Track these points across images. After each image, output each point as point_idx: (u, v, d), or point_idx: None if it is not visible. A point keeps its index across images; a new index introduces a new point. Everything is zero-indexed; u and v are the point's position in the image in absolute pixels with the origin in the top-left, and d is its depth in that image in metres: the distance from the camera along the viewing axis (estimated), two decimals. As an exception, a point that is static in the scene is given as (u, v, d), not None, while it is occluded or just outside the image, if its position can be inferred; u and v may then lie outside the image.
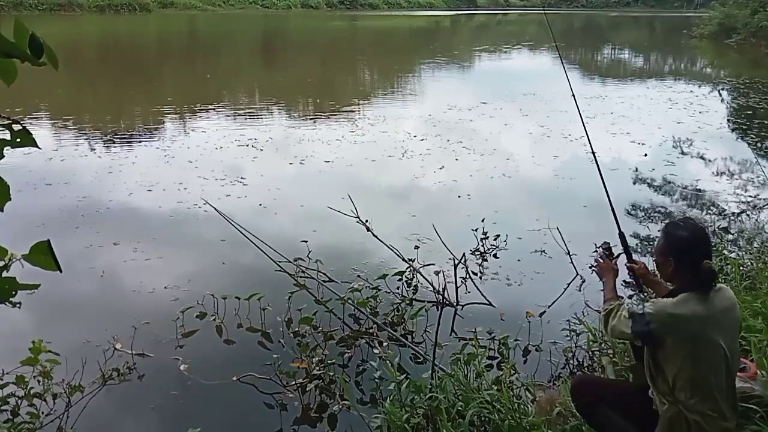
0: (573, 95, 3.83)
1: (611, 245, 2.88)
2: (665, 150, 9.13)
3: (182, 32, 31.76)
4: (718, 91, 15.17)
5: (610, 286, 2.71)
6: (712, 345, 2.32)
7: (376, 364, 3.54)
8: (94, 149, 8.60)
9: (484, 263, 5.16)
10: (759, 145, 9.67)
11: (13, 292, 1.11)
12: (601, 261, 2.81)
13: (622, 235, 2.98)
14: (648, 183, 7.61)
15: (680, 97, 13.96)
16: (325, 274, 4.65)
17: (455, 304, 4.39)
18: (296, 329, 4.02)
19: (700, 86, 16.16)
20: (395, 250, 4.90)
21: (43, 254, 1.05)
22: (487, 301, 4.44)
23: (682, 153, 9.11)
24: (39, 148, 1.12)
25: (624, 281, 3.06)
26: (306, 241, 4.97)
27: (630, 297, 3.02)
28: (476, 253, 5.26)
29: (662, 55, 27.19)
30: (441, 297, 4.39)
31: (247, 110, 12.26)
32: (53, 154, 8.03)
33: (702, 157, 8.85)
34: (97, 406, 3.24)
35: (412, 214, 6.25)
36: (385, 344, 3.81)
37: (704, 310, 2.34)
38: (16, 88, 1.08)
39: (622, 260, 2.86)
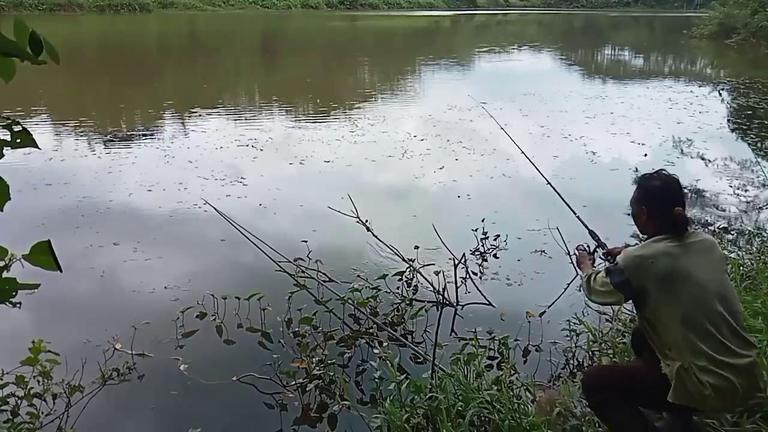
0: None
1: (586, 245, 3.13)
2: (665, 150, 9.13)
3: (182, 32, 31.76)
4: (718, 91, 15.16)
5: (587, 266, 2.92)
6: (692, 282, 2.34)
7: (376, 364, 3.54)
8: (94, 149, 8.59)
9: (484, 263, 5.16)
10: (759, 145, 9.67)
11: (14, 293, 1.11)
12: (577, 254, 3.05)
13: (592, 233, 3.27)
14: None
15: (680, 97, 13.96)
16: (325, 274, 4.65)
17: (455, 304, 4.39)
18: (296, 329, 4.02)
19: (700, 86, 16.16)
20: (395, 250, 4.90)
21: (44, 254, 1.05)
22: (487, 301, 4.44)
23: (682, 153, 9.10)
24: (39, 148, 1.13)
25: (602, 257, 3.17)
26: (306, 241, 4.97)
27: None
28: (476, 253, 5.26)
29: (662, 55, 27.19)
30: (441, 297, 4.39)
31: (247, 110, 12.26)
32: (53, 154, 8.03)
33: (702, 157, 8.85)
34: (97, 406, 3.23)
35: (413, 214, 6.25)
36: (385, 344, 3.81)
37: (675, 249, 2.41)
38: (16, 88, 1.09)
39: (599, 254, 3.11)
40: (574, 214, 3.53)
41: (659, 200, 2.52)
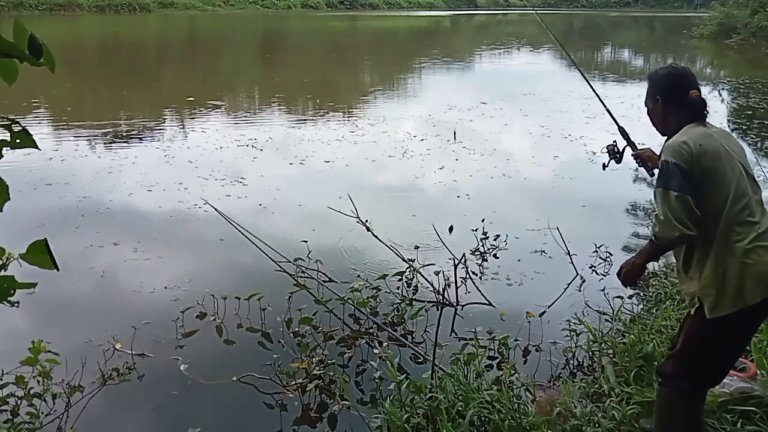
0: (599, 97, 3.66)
1: (614, 143, 3.03)
2: (665, 150, 9.11)
3: (182, 32, 31.76)
4: (718, 91, 15.16)
5: (640, 253, 2.51)
6: (732, 165, 2.28)
7: (376, 364, 3.54)
8: (94, 149, 8.59)
9: (484, 263, 5.16)
10: (759, 145, 9.67)
11: (11, 291, 1.11)
12: (623, 268, 2.55)
13: (622, 130, 3.06)
14: (648, 182, 7.60)
15: (680, 97, 13.95)
16: (325, 274, 4.64)
17: (455, 304, 4.39)
18: (296, 329, 4.02)
19: (700, 86, 16.14)
20: (395, 250, 4.89)
21: (41, 253, 1.05)
22: (487, 301, 4.44)
23: (683, 153, 9.08)
24: (39, 149, 1.12)
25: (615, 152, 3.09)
26: (306, 241, 4.97)
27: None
28: (476, 253, 5.26)
29: (662, 55, 27.17)
30: (441, 297, 4.39)
31: (247, 110, 12.27)
32: (53, 154, 8.02)
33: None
34: (97, 406, 3.23)
35: (412, 214, 6.25)
36: (385, 344, 3.80)
37: (710, 131, 2.37)
38: (16, 88, 1.08)
39: (629, 152, 3.03)
40: (605, 106, 3.43)
41: (672, 87, 2.45)
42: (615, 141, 3.04)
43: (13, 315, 3.70)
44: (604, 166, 3.09)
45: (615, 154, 3.05)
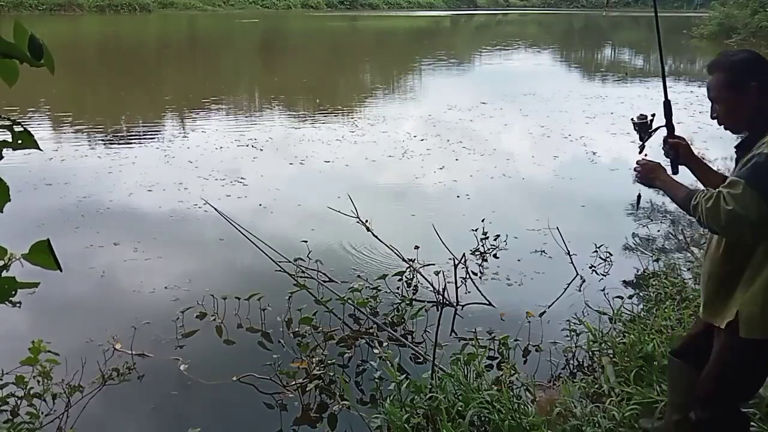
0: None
1: (648, 117, 2.46)
2: (665, 150, 9.10)
3: (182, 32, 31.76)
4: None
5: (672, 181, 2.25)
6: None
7: (376, 364, 3.54)
8: (94, 149, 8.60)
9: (484, 263, 5.16)
10: (759, 145, 9.66)
11: (13, 292, 1.11)
12: (642, 163, 2.32)
13: (667, 104, 2.48)
14: (648, 183, 7.58)
15: (680, 97, 13.92)
16: (325, 274, 4.65)
17: (455, 304, 4.39)
18: (296, 329, 4.02)
19: (700, 86, 16.11)
20: (395, 250, 4.90)
21: (43, 253, 1.05)
22: (487, 301, 4.44)
23: (682, 153, 9.07)
24: (40, 149, 1.12)
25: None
26: (306, 241, 4.97)
27: None
28: (476, 253, 5.26)
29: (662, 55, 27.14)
30: (441, 297, 4.39)
31: (247, 110, 12.27)
32: (53, 154, 8.02)
33: (702, 157, 8.72)
34: (97, 406, 3.23)
35: (412, 214, 6.26)
36: (385, 344, 3.80)
37: None
38: (15, 88, 1.08)
39: (661, 134, 2.49)
40: (662, 69, 2.83)
41: (766, 67, 2.03)
42: (653, 114, 2.49)
43: (14, 315, 3.70)
44: (641, 149, 2.53)
45: (645, 128, 2.50)
